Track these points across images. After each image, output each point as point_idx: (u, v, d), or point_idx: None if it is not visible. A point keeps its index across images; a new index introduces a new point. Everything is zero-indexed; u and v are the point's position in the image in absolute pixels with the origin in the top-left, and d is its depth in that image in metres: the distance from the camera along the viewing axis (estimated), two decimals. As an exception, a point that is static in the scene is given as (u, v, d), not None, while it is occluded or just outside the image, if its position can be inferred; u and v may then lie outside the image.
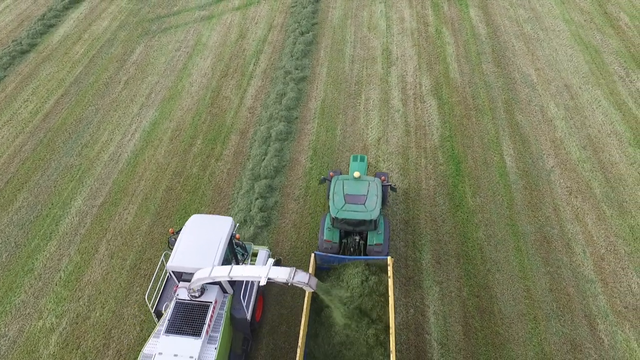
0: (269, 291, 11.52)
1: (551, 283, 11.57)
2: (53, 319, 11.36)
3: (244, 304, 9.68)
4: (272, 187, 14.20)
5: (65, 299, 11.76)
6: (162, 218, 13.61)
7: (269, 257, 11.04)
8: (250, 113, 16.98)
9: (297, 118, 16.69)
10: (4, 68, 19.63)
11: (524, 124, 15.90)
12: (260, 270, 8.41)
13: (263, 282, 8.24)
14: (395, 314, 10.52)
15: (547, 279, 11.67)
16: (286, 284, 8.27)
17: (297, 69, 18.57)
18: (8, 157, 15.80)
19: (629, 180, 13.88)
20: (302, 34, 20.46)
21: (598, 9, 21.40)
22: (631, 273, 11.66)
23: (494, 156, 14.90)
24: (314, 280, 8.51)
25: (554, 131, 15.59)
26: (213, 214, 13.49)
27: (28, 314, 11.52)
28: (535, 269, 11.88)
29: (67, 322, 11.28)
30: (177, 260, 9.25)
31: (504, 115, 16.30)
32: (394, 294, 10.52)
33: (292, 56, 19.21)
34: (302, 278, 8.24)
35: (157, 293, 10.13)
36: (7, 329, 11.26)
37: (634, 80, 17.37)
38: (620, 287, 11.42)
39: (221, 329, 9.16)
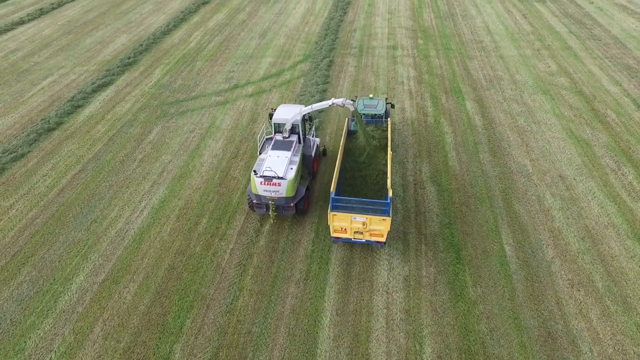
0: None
1: (559, 385, 11.05)
2: (37, 406, 10.87)
3: (311, 149, 17.00)
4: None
5: (52, 384, 11.35)
6: (161, 298, 13.57)
7: (318, 144, 18.77)
8: (256, 194, 17.64)
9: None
10: (29, 144, 20.96)
11: (522, 214, 16.29)
12: (326, 102, 16.36)
13: (328, 104, 16.26)
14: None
15: (554, 379, 11.17)
16: (342, 105, 16.30)
17: (303, 153, 19.60)
18: (18, 230, 16.26)
19: (631, 275, 13.84)
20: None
21: (586, 105, 22.93)
22: (642, 376, 11.16)
23: (494, 245, 15.07)
24: (353, 105, 16.57)
25: (551, 221, 15.91)
26: (213, 295, 13.52)
27: (12, 399, 11.07)
28: (541, 368, 11.42)
29: (51, 411, 10.77)
30: (276, 116, 16.84)
31: (502, 204, 16.78)
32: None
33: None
34: (348, 103, 16.32)
35: (259, 147, 17.18)
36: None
37: (625, 173, 18.06)
38: (632, 392, 10.87)
39: (297, 159, 15.98)
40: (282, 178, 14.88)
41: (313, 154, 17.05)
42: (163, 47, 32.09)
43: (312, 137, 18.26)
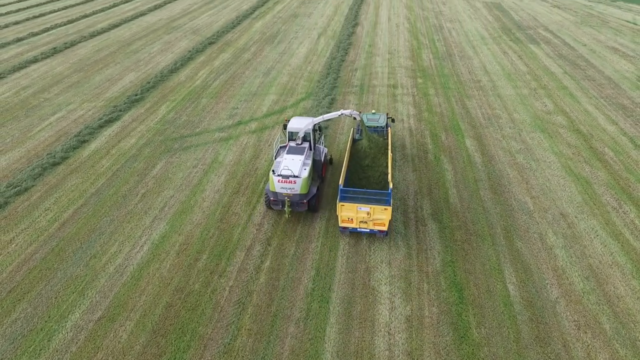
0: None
1: None
2: None
3: (320, 155, 19.31)
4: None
5: None
6: (157, 337, 13.25)
7: (326, 153, 20.88)
8: (257, 230, 17.62)
9: (302, 236, 17.20)
10: (33, 178, 21.19)
11: (525, 252, 16.15)
12: (335, 113, 18.56)
13: (337, 114, 18.48)
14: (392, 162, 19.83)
15: None
16: (349, 115, 18.47)
17: (304, 189, 19.75)
18: (17, 265, 16.14)
19: (639, 317, 13.51)
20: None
21: (584, 144, 23.25)
22: None
23: (497, 284, 14.84)
24: (359, 115, 18.87)
25: (554, 260, 15.74)
26: (210, 335, 13.20)
27: None
28: (550, 417, 10.93)
29: None
30: (290, 126, 19.21)
31: (504, 241, 16.67)
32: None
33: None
34: (355, 114, 18.56)
35: (275, 152, 19.13)
36: None
37: (627, 211, 18.04)
38: None
39: (310, 162, 17.91)
40: (297, 176, 16.94)
41: (322, 160, 19.42)
42: (170, 84, 33.08)
43: (321, 145, 20.28)
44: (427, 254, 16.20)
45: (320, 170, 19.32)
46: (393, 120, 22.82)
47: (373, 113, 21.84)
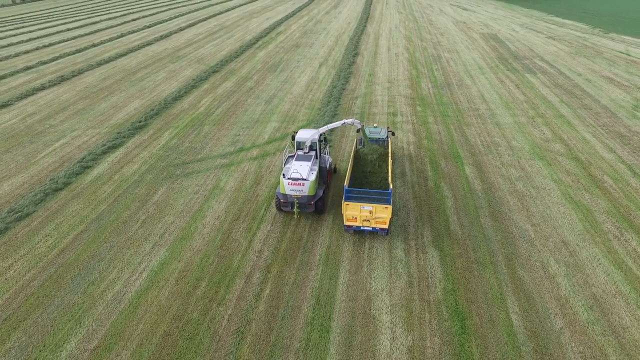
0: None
1: None
2: None
3: (325, 163, 20.85)
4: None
5: None
6: (153, 368, 12.96)
7: (331, 162, 22.74)
8: (257, 257, 17.52)
9: (302, 264, 17.09)
10: (35, 203, 21.28)
11: (527, 280, 15.98)
12: (339, 122, 20.95)
13: (340, 124, 20.91)
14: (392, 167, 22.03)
15: None
16: (351, 124, 21.17)
17: (306, 217, 19.70)
18: (14, 292, 15.98)
19: (645, 348, 13.22)
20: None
21: (583, 171, 23.41)
22: None
23: (500, 313, 14.62)
24: (361, 124, 21.70)
25: (557, 289, 15.55)
26: (207, 365, 12.91)
27: None
28: None
29: None
30: (298, 136, 21.04)
31: (506, 270, 16.52)
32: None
33: (301, 203, 20.69)
34: (356, 123, 21.25)
35: (284, 161, 20.72)
36: None
37: (628, 239, 17.96)
38: None
39: (316, 168, 19.73)
40: (305, 179, 18.70)
41: (327, 167, 21.14)
42: (173, 111, 33.69)
43: (327, 155, 22.06)
44: (428, 282, 16.04)
45: (326, 176, 21.08)
46: (393, 134, 24.44)
47: (375, 126, 24.02)
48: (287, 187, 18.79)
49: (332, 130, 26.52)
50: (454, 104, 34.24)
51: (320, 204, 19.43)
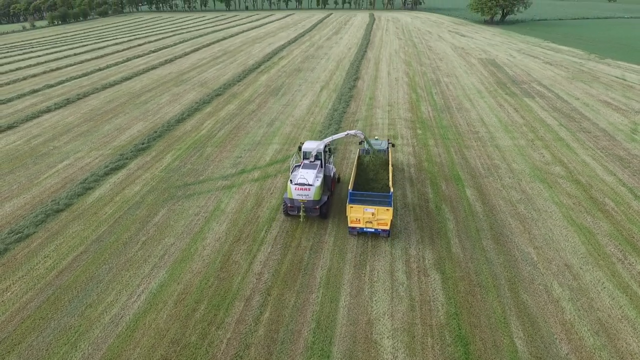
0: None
1: None
2: None
3: (330, 172, 22.81)
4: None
5: None
6: (149, 394, 12.63)
7: (335, 171, 24.36)
8: (257, 279, 17.34)
9: (302, 286, 16.89)
10: (36, 224, 21.27)
11: (531, 304, 15.73)
12: (342, 133, 22.76)
13: (344, 135, 22.81)
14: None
15: None
16: (354, 135, 22.89)
17: (307, 240, 19.63)
18: (10, 314, 15.76)
19: (654, 375, 12.88)
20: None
21: (583, 194, 23.40)
22: None
23: (504, 338, 14.32)
24: (363, 134, 23.19)
25: (562, 313, 15.29)
26: (205, 392, 12.54)
27: None
28: None
29: None
30: (305, 147, 22.55)
31: (509, 293, 16.29)
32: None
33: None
34: (359, 134, 22.88)
35: (291, 170, 22.14)
36: None
37: (632, 263, 17.77)
38: None
39: (321, 176, 21.00)
40: (311, 185, 20.02)
41: (332, 176, 22.96)
42: (176, 134, 34.07)
43: (331, 165, 23.77)
44: (430, 305, 15.80)
45: (330, 184, 22.61)
46: (393, 145, 26.22)
47: (376, 139, 26.18)
48: (294, 192, 20.05)
49: (336, 141, 28.28)
50: (453, 127, 34.60)
51: (325, 209, 20.75)
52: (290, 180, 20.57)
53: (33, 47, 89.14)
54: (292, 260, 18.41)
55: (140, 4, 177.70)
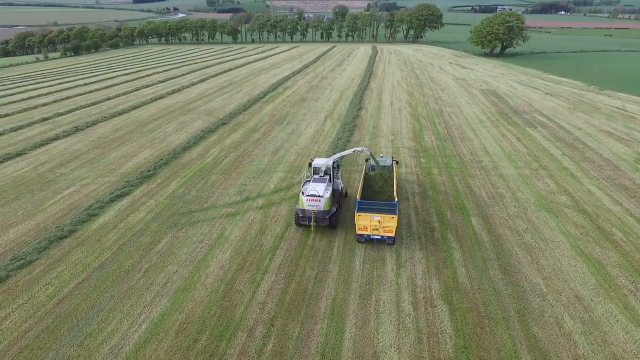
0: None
1: None
2: None
3: (338, 186, 24.63)
4: (274, 397, 12.98)
5: None
6: None
7: (342, 186, 26.09)
8: (260, 309, 17.01)
9: (307, 317, 16.53)
10: (39, 251, 21.16)
11: (542, 338, 15.27)
12: (350, 150, 24.58)
13: (351, 151, 24.63)
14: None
15: None
16: (361, 152, 24.47)
17: (311, 268, 19.37)
18: (8, 344, 15.43)
19: (675, 415, 12.29)
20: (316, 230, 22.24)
21: (591, 224, 23.17)
22: None
23: (515, 374, 13.81)
24: (369, 151, 24.33)
25: (575, 347, 14.81)
26: None
27: None
28: None
29: None
30: (315, 163, 24.27)
31: (519, 326, 15.86)
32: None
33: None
34: (365, 150, 24.18)
35: (302, 184, 23.64)
36: None
37: (645, 295, 17.34)
38: None
39: (330, 189, 22.56)
40: (321, 196, 21.65)
41: (339, 189, 24.65)
42: (182, 161, 34.40)
43: (339, 180, 25.44)
44: (438, 337, 15.36)
45: (338, 198, 24.10)
46: (397, 163, 28.17)
47: (381, 156, 27.57)
48: (305, 203, 21.73)
49: (343, 157, 28.82)
50: (457, 156, 34.78)
51: (334, 219, 22.46)
52: (302, 192, 22.19)
53: (45, 77, 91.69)
54: (296, 290, 18.12)
55: (150, 37, 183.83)
